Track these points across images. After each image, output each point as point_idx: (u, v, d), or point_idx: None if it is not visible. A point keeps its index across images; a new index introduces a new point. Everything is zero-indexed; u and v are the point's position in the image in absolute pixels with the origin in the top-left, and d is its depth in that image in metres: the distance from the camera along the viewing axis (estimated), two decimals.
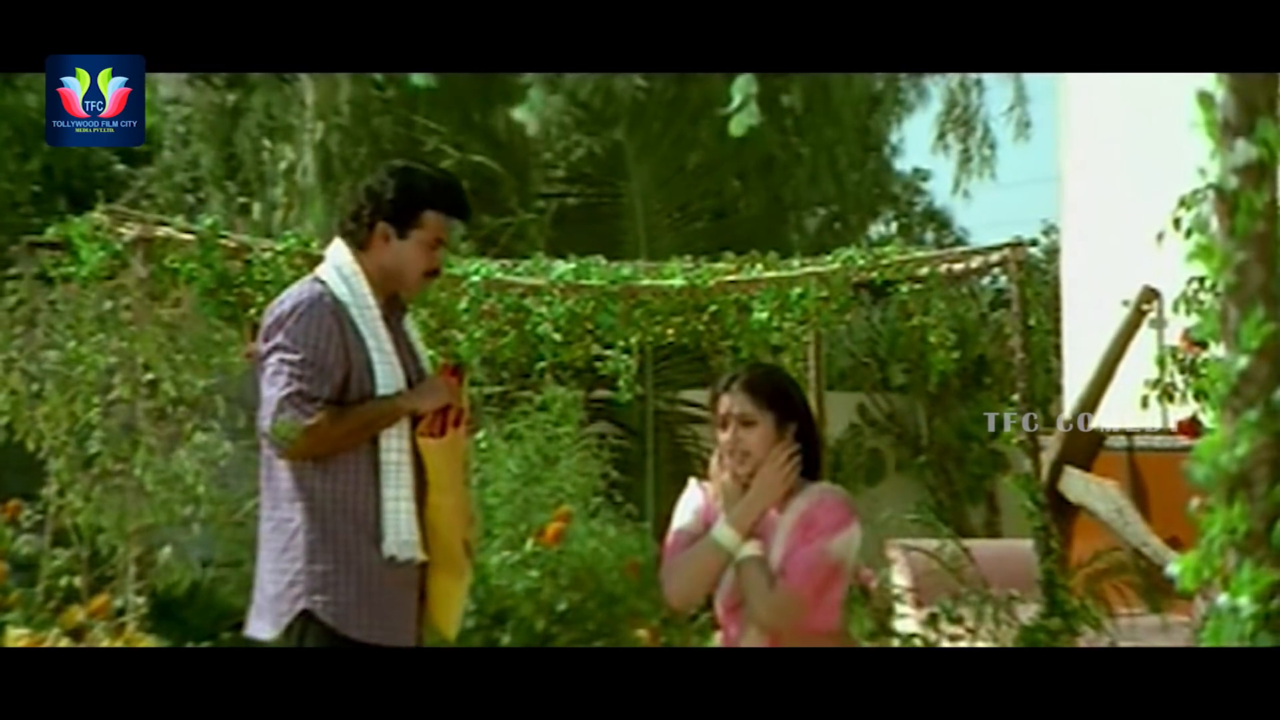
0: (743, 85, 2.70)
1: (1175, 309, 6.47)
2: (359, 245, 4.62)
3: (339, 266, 4.61)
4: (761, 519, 4.35)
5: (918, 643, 7.35)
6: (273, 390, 4.46)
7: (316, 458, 4.47)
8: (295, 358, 4.45)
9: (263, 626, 4.52)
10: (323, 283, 4.59)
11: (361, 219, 4.63)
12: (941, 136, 16.38)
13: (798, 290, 8.41)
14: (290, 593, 4.46)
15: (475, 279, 8.32)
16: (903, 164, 19.59)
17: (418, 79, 4.31)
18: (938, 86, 16.59)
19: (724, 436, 4.42)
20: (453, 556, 4.65)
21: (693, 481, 4.57)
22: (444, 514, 4.61)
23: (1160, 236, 5.53)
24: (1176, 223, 5.44)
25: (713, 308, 8.57)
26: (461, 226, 6.70)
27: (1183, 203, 5.47)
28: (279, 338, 4.50)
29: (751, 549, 4.31)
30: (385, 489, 4.50)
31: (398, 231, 4.61)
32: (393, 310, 4.69)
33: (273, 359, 4.49)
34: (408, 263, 4.63)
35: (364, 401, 4.51)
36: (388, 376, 4.54)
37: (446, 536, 4.63)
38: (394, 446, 4.53)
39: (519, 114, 13.15)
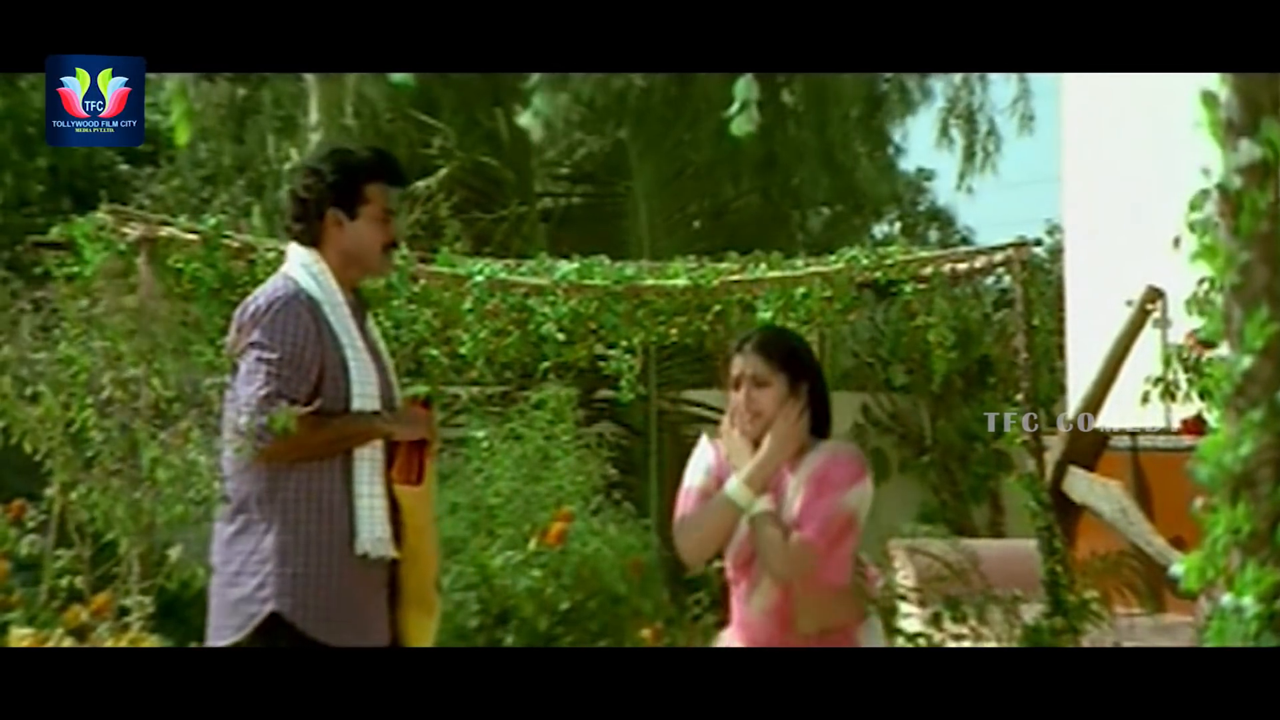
0: (743, 89, 2.69)
1: (1189, 309, 6.45)
2: (313, 242, 4.58)
3: (306, 264, 4.56)
4: (774, 476, 4.42)
5: (922, 642, 7.35)
6: (250, 389, 4.41)
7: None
8: (273, 356, 4.41)
9: (228, 631, 4.48)
10: (294, 280, 4.55)
11: (309, 214, 4.58)
12: (945, 132, 16.37)
13: (801, 290, 8.42)
14: (258, 595, 4.42)
15: (479, 279, 8.33)
16: (906, 163, 19.59)
17: (399, 76, 4.30)
18: (941, 84, 16.58)
19: (736, 397, 4.50)
20: (425, 594, 4.65)
21: (704, 438, 4.64)
22: (421, 556, 4.60)
23: (1177, 242, 5.52)
24: (1192, 226, 5.43)
25: (716, 308, 8.57)
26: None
27: (1194, 205, 5.45)
28: (255, 335, 4.45)
29: (764, 504, 4.38)
30: (358, 485, 4.47)
31: (347, 214, 4.57)
32: (358, 309, 4.67)
33: (249, 357, 4.45)
34: (366, 242, 4.59)
35: (338, 399, 4.47)
36: (362, 375, 4.51)
37: (421, 576, 4.62)
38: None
39: (524, 120, 13.16)
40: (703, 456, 4.56)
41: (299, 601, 4.40)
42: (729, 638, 4.57)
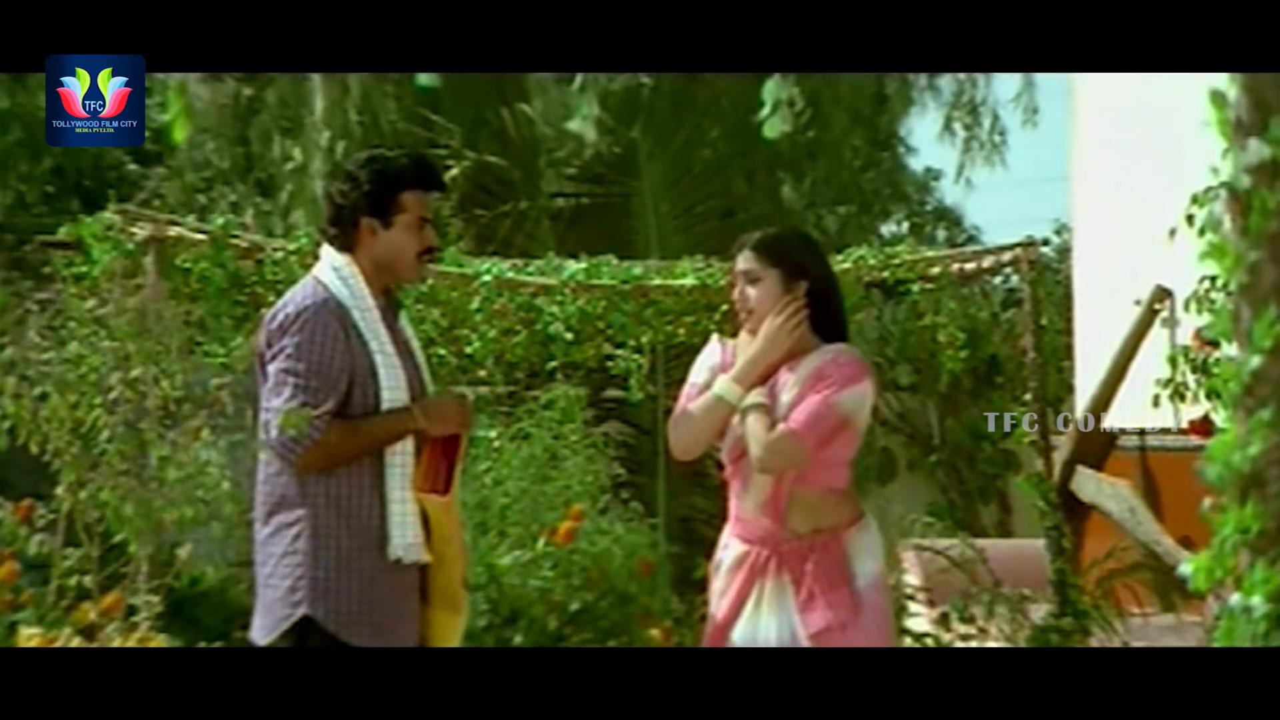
0: (774, 89, 2.69)
1: (1186, 308, 6.46)
2: (346, 248, 4.58)
3: (336, 268, 4.56)
4: (766, 372, 4.45)
5: (930, 642, 7.34)
6: (278, 400, 4.42)
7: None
8: (301, 367, 4.41)
9: (262, 631, 4.52)
10: (324, 285, 4.55)
11: (343, 221, 4.58)
12: (948, 125, 16.33)
13: None
14: (291, 598, 4.44)
15: (487, 278, 8.33)
16: (915, 163, 19.57)
17: (424, 78, 4.31)
18: (946, 80, 16.54)
19: (735, 294, 4.50)
20: (453, 594, 4.66)
21: (714, 337, 4.67)
22: (448, 559, 4.61)
23: (1173, 233, 5.51)
24: (1190, 219, 5.42)
25: (724, 307, 8.56)
26: (447, 208, 6.68)
27: (1196, 200, 5.45)
28: (284, 344, 4.45)
29: (756, 398, 4.40)
30: (390, 491, 4.48)
31: (382, 222, 4.56)
32: (390, 308, 4.67)
33: (277, 368, 4.45)
34: (401, 250, 4.59)
35: (367, 404, 4.47)
36: (391, 379, 4.51)
37: (449, 577, 4.63)
38: (399, 449, 4.50)
39: (574, 125, 13.19)
40: (710, 354, 4.60)
41: (330, 606, 4.42)
42: (726, 533, 4.61)
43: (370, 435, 4.48)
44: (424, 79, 4.04)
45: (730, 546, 4.58)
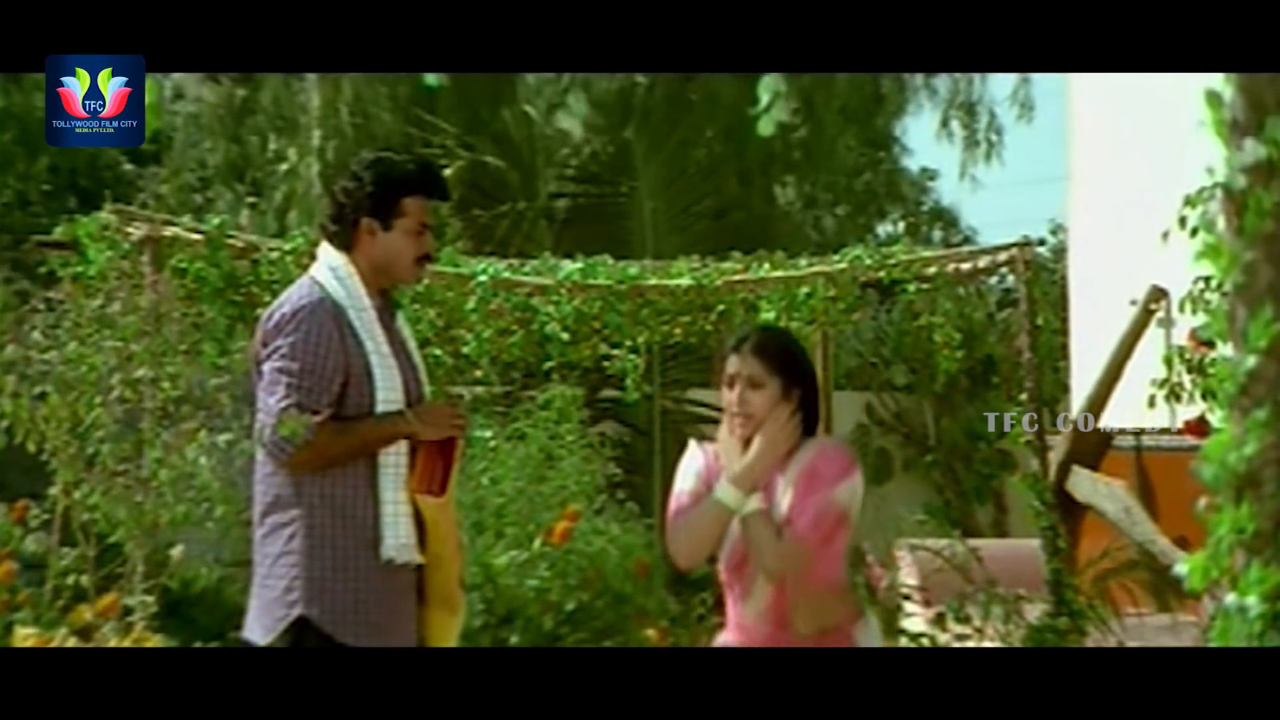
0: (770, 84, 2.68)
1: (1182, 308, 6.47)
2: (345, 246, 4.57)
3: (333, 268, 4.56)
4: (764, 477, 4.38)
5: (925, 642, 7.34)
6: (271, 399, 4.41)
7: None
8: (294, 367, 4.40)
9: (259, 631, 4.51)
10: (320, 285, 4.54)
11: (344, 219, 4.58)
12: (945, 123, 16.31)
13: (805, 290, 8.43)
14: (286, 598, 4.43)
15: (483, 278, 8.33)
16: (911, 163, 19.58)
17: (430, 78, 4.30)
18: (943, 80, 16.55)
19: (729, 396, 4.46)
20: (449, 594, 4.66)
21: (692, 442, 4.59)
22: (444, 559, 4.61)
23: (1166, 235, 5.52)
24: (1182, 221, 5.43)
25: (720, 307, 8.58)
26: (444, 208, 6.68)
27: (1189, 201, 5.46)
28: (278, 343, 4.45)
29: (755, 504, 4.34)
30: (384, 491, 4.47)
31: (382, 224, 4.55)
32: (387, 309, 4.66)
33: (271, 366, 4.45)
34: (398, 254, 4.58)
35: (362, 404, 4.47)
36: (387, 380, 4.51)
37: (445, 578, 4.63)
38: (392, 449, 4.50)
39: (563, 123, 13.19)
40: (692, 460, 4.52)
41: (325, 607, 4.41)
42: (725, 641, 4.54)
43: (362, 437, 4.47)
44: (430, 78, 4.02)
45: None
